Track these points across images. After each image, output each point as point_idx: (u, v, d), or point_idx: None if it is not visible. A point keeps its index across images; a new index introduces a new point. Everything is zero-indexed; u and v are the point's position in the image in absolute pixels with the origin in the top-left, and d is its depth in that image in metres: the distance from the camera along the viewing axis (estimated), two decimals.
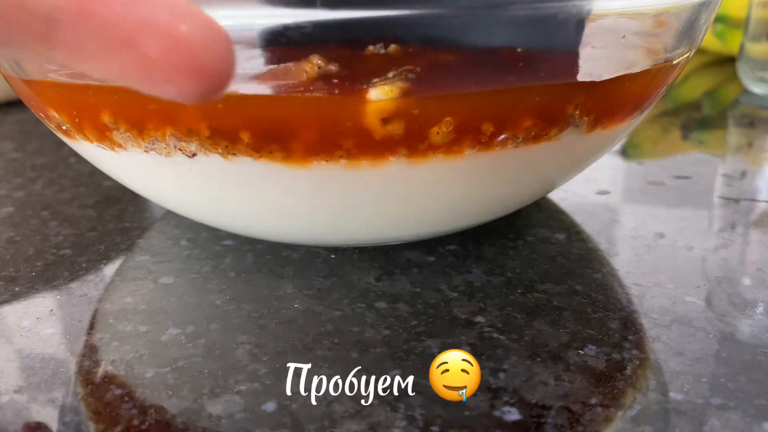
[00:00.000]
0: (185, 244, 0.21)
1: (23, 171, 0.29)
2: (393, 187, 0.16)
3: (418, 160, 0.15)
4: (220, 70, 0.12)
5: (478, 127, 0.15)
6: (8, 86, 0.37)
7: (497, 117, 0.15)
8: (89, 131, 0.16)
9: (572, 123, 0.16)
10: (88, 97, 0.16)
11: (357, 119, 0.14)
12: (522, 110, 0.15)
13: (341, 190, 0.16)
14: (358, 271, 0.19)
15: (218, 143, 0.15)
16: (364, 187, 0.16)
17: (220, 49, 0.11)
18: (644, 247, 0.21)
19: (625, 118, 0.18)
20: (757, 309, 0.17)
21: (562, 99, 0.15)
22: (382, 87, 0.14)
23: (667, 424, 0.13)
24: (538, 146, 0.16)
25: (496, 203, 0.19)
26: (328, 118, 0.14)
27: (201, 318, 0.17)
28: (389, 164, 0.15)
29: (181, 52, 0.11)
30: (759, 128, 0.33)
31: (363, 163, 0.15)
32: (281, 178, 0.15)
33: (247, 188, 0.16)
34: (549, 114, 0.15)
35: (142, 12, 0.11)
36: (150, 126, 0.15)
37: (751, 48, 0.37)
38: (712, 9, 0.18)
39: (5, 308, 0.18)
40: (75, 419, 0.14)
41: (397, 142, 0.15)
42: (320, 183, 0.16)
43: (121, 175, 0.19)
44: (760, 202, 0.24)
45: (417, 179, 0.16)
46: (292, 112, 0.14)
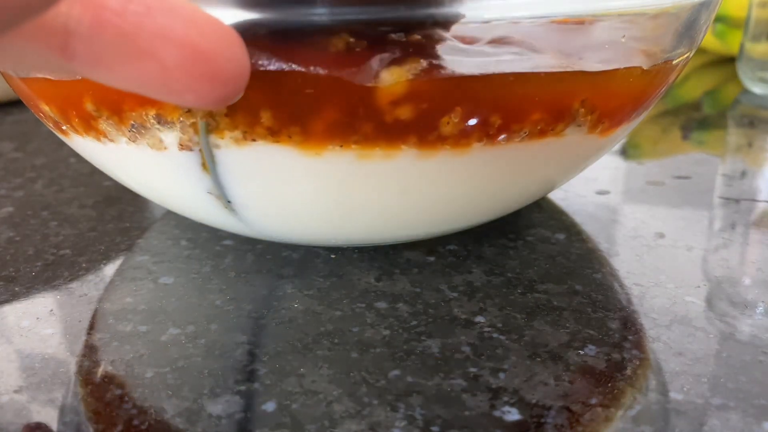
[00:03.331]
0: (185, 244, 0.21)
1: (23, 171, 0.29)
2: (402, 180, 0.16)
3: (428, 152, 0.15)
4: (236, 76, 0.12)
5: (487, 118, 0.15)
6: (8, 86, 0.37)
7: (506, 109, 0.15)
8: (78, 123, 0.17)
9: (576, 119, 0.16)
10: (79, 89, 0.16)
11: (371, 102, 0.14)
12: (530, 102, 0.15)
13: (353, 181, 0.16)
14: (358, 271, 0.19)
15: (237, 126, 0.15)
16: (375, 179, 0.16)
17: (236, 55, 0.12)
18: (644, 247, 0.21)
19: (625, 118, 0.18)
20: (757, 309, 0.17)
21: (569, 93, 0.16)
22: (396, 69, 0.14)
23: (667, 424, 0.13)
24: (543, 142, 0.16)
25: (499, 200, 0.19)
26: (345, 99, 0.14)
27: (201, 318, 0.17)
28: (400, 155, 0.15)
29: (198, 62, 0.11)
30: (759, 128, 0.33)
31: (376, 152, 0.15)
32: (294, 166, 0.16)
33: (252, 180, 0.16)
34: (556, 108, 0.16)
35: (158, 22, 0.11)
36: (126, 107, 0.15)
37: (751, 48, 0.37)
38: (711, 9, 0.18)
39: (5, 308, 0.18)
40: (75, 419, 0.14)
41: (408, 128, 0.15)
42: (331, 173, 0.16)
43: (120, 173, 0.19)
44: (760, 202, 0.24)
45: (426, 172, 0.16)
46: (309, 92, 0.14)
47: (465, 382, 0.15)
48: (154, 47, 0.11)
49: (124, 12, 0.11)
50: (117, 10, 0.11)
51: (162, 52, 0.11)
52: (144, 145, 0.16)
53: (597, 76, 0.16)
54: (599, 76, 0.16)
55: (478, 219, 0.20)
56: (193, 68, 0.11)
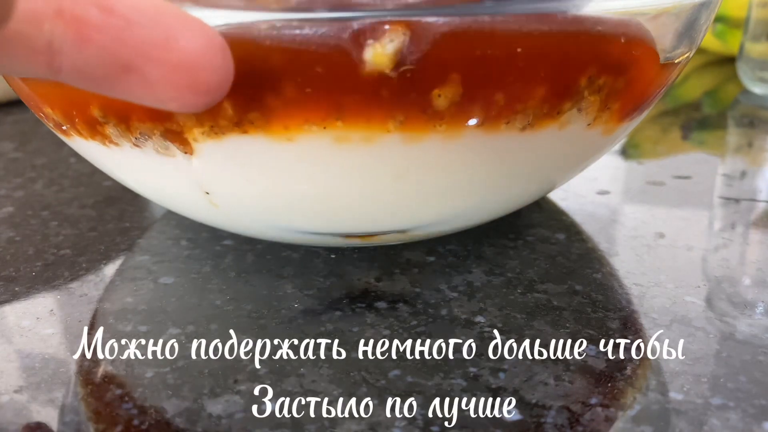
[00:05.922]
0: (185, 244, 0.21)
1: (23, 171, 0.29)
2: (387, 167, 0.15)
3: (416, 136, 0.14)
4: (219, 84, 0.12)
5: (485, 95, 0.14)
6: (8, 86, 0.37)
7: (506, 82, 0.14)
8: (82, 127, 0.16)
9: (581, 102, 0.15)
10: (85, 95, 0.16)
11: (355, 70, 0.13)
12: (534, 72, 0.14)
13: (332, 169, 0.15)
14: (358, 271, 0.19)
15: (203, 123, 0.14)
16: (356, 166, 0.15)
17: (219, 63, 0.12)
18: (644, 247, 0.21)
19: (625, 118, 0.18)
20: (757, 309, 0.17)
21: (575, 68, 0.15)
22: (381, 40, 0.13)
23: (667, 424, 0.13)
24: (544, 134, 0.16)
25: (492, 197, 0.18)
26: (325, 69, 0.13)
27: (201, 318, 0.17)
28: (383, 138, 0.14)
29: (180, 74, 0.11)
30: (759, 128, 0.33)
31: (354, 135, 0.14)
32: (271, 157, 0.15)
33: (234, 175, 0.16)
34: (561, 83, 0.15)
35: (138, 36, 0.11)
36: (134, 118, 0.15)
37: (751, 48, 0.37)
38: (712, 9, 0.18)
39: (5, 308, 0.18)
40: (75, 419, 0.14)
41: (395, 104, 0.14)
42: (307, 159, 0.15)
43: (121, 174, 0.19)
44: (760, 202, 0.24)
45: (414, 158, 0.15)
46: (284, 62, 0.13)
47: (465, 382, 0.15)
48: (136, 62, 0.11)
49: (106, 27, 0.11)
50: (98, 25, 0.11)
51: (143, 67, 0.11)
52: (149, 150, 0.16)
53: (602, 41, 0.15)
54: (604, 42, 0.15)
55: (474, 216, 0.19)
56: (175, 80, 0.11)
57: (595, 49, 0.15)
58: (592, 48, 0.15)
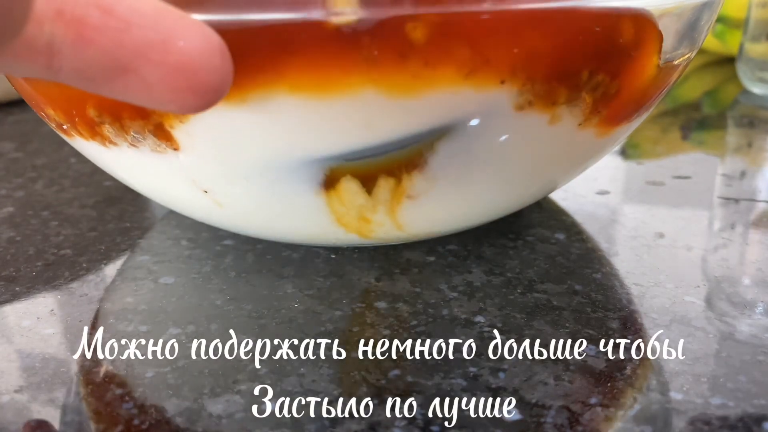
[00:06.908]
0: (186, 244, 0.21)
1: (23, 171, 0.29)
2: (366, 117, 0.14)
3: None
4: (218, 85, 0.12)
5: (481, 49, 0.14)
6: (8, 86, 0.37)
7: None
8: (83, 128, 0.16)
9: (577, 99, 0.15)
10: (83, 95, 0.16)
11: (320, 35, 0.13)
12: (542, 45, 0.14)
13: (303, 128, 0.15)
14: (358, 271, 0.19)
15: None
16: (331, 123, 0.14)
17: (217, 61, 0.12)
18: (644, 247, 0.21)
19: (625, 119, 0.18)
20: (757, 309, 0.17)
21: (579, 57, 0.15)
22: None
23: (667, 424, 0.13)
24: (533, 126, 0.15)
25: (496, 198, 0.18)
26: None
27: (201, 318, 0.17)
28: (360, 92, 0.14)
29: (178, 77, 0.11)
30: (759, 128, 0.33)
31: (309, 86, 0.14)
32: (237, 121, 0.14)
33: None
34: (566, 64, 0.15)
35: (137, 38, 0.11)
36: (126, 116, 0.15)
37: (750, 48, 0.37)
38: (713, 10, 0.18)
39: (6, 308, 0.18)
40: (76, 419, 0.14)
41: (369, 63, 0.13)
42: (268, 119, 0.14)
43: (122, 174, 0.19)
44: (759, 202, 0.24)
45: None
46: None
47: (465, 382, 0.15)
48: (134, 64, 0.11)
49: (105, 28, 0.11)
50: (98, 27, 0.11)
51: (142, 69, 0.11)
52: (146, 149, 0.16)
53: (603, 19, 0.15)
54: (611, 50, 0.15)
55: (472, 215, 0.19)
56: (173, 83, 0.11)
57: (601, 37, 0.15)
58: (598, 37, 0.15)
